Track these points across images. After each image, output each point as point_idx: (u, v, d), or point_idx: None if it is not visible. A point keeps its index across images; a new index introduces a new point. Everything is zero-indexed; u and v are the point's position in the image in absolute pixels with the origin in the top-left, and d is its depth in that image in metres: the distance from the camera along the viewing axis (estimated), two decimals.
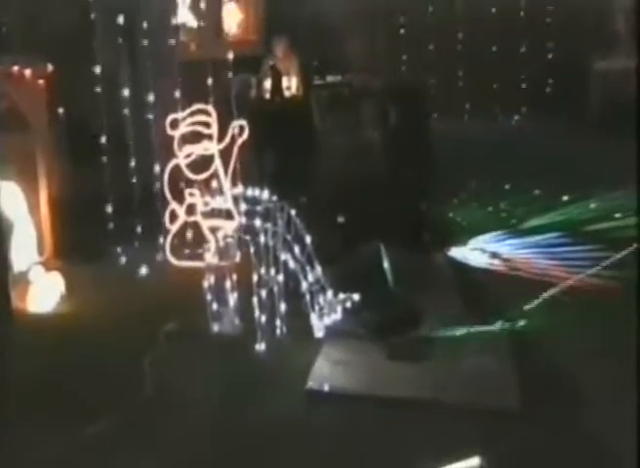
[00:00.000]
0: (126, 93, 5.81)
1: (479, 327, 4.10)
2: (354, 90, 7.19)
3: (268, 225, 4.34)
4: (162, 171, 5.30)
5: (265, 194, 4.47)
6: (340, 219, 5.53)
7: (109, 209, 5.46)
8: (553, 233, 5.49)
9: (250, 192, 4.54)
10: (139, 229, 5.70)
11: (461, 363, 3.82)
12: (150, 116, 5.94)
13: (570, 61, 9.65)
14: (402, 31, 9.99)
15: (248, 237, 4.38)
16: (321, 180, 6.09)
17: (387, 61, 9.73)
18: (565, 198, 6.22)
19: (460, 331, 4.08)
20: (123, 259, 5.54)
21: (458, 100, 9.91)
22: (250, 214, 4.42)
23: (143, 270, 5.37)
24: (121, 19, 5.72)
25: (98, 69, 5.54)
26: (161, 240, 5.19)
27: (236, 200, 4.58)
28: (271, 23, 9.08)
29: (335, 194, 5.96)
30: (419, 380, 3.75)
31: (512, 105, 9.88)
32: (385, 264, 4.66)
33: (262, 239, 4.29)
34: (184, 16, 8.53)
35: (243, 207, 4.48)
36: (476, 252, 5.48)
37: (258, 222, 4.38)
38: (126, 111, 5.96)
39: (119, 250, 5.60)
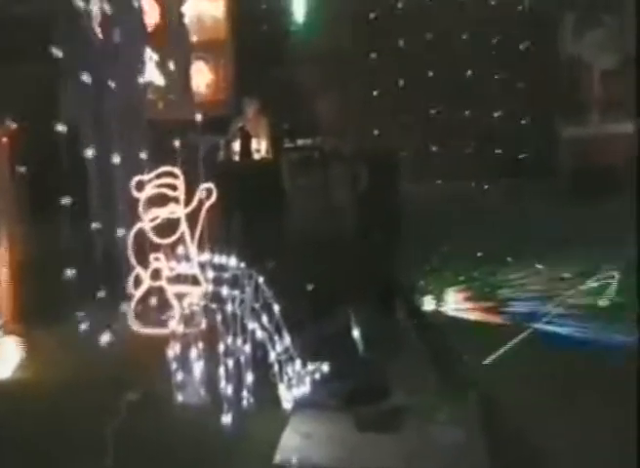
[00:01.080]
0: (90, 152, 5.91)
1: (448, 394, 4.22)
2: (324, 153, 7.42)
3: (236, 293, 4.35)
4: (127, 234, 5.41)
5: (233, 260, 4.50)
6: (309, 286, 5.67)
7: (71, 272, 5.49)
8: (527, 304, 5.69)
9: (217, 258, 4.61)
10: (101, 294, 5.65)
11: (432, 433, 3.92)
12: (116, 177, 6.08)
13: (541, 127, 10.09)
14: (374, 94, 10.36)
15: (215, 305, 4.43)
16: (290, 245, 6.23)
17: (359, 125, 10.06)
18: (538, 266, 6.46)
19: (429, 400, 4.19)
20: (85, 325, 5.54)
21: (429, 165, 10.23)
22: (217, 281, 4.44)
23: (106, 336, 5.36)
24: (87, 77, 5.90)
25: (62, 128, 5.53)
26: (125, 305, 5.26)
27: (203, 266, 4.64)
28: (241, 84, 9.38)
29: (303, 259, 6.11)
30: (389, 452, 3.79)
31: (485, 170, 10.24)
32: (355, 332, 4.78)
33: (230, 307, 4.29)
34: (152, 74, 8.80)
35: (210, 273, 4.49)
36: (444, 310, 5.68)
37: (225, 290, 4.39)
38: (90, 171, 6.09)
39: (81, 314, 5.60)
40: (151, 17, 8.67)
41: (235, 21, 9.59)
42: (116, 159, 5.89)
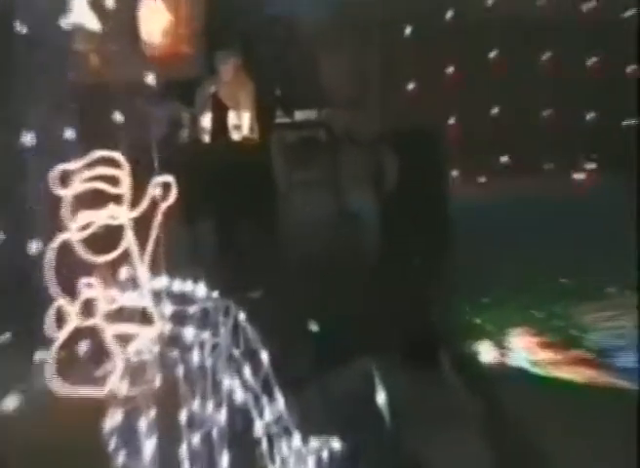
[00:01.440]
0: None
1: None
2: (334, 132, 7.56)
3: (205, 335, 4.43)
4: (44, 249, 5.47)
5: (202, 288, 4.57)
6: (312, 326, 5.74)
7: None
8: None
9: (178, 285, 4.67)
10: (6, 336, 5.78)
11: None
12: (28, 166, 6.16)
13: None
14: (407, 42, 10.45)
15: (174, 352, 4.52)
16: (285, 266, 6.32)
17: (384, 90, 10.15)
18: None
19: None
20: None
21: (489, 150, 10.30)
22: (178, 319, 4.52)
23: (12, 400, 5.43)
24: None
25: None
26: (41, 354, 5.30)
27: (157, 296, 4.72)
28: (214, 30, 9.55)
29: (305, 286, 6.19)
30: None
31: (571, 156, 10.32)
32: (380, 396, 4.83)
33: (197, 356, 4.37)
34: (80, 13, 8.92)
35: (168, 307, 4.56)
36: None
37: (190, 331, 4.45)
38: None
39: None
40: None
41: None
42: (28, 139, 5.97)
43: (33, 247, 5.73)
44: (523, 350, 5.88)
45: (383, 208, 7.25)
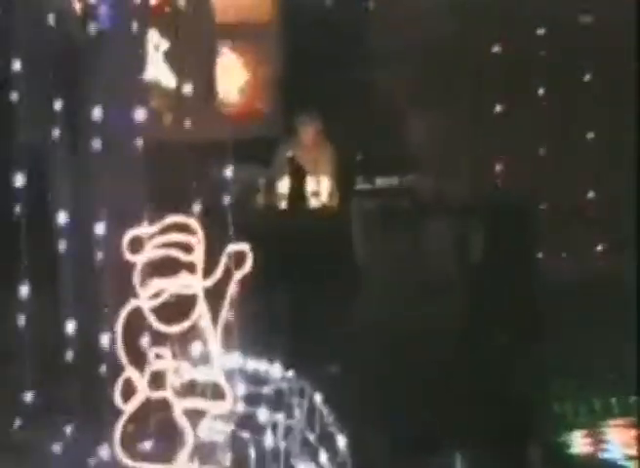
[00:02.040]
0: (61, 190, 6.18)
1: None
2: (419, 201, 7.64)
3: (279, 416, 4.47)
4: (113, 317, 5.59)
5: (277, 368, 4.66)
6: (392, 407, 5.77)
7: (29, 376, 5.68)
8: None
9: (252, 363, 4.75)
10: (74, 407, 5.87)
11: None
12: (98, 231, 6.32)
13: None
14: (499, 109, 10.52)
15: (247, 433, 4.56)
16: (365, 343, 6.38)
17: (475, 157, 10.24)
18: None
19: None
20: (50, 452, 5.72)
21: (587, 226, 10.32)
22: (251, 399, 4.57)
23: None
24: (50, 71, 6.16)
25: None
26: (109, 426, 5.41)
27: (230, 374, 4.77)
28: (293, 91, 9.76)
29: (384, 364, 6.23)
30: None
31: None
32: None
33: (270, 438, 4.41)
34: (157, 69, 9.19)
35: (241, 386, 4.63)
36: None
37: (263, 412, 4.50)
38: (59, 220, 6.34)
39: (42, 437, 5.78)
40: None
41: None
42: (97, 203, 6.11)
43: (103, 313, 5.85)
44: (619, 443, 5.82)
45: (470, 282, 7.28)
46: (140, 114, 6.40)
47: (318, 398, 4.56)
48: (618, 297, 7.89)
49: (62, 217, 6.12)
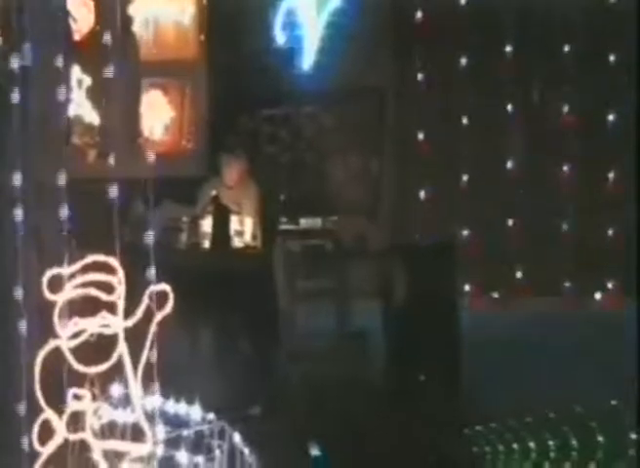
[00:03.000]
0: None
1: None
2: (341, 242, 7.74)
3: (199, 459, 4.54)
4: (31, 357, 5.58)
5: (196, 410, 4.69)
6: (314, 449, 5.82)
7: None
8: None
9: (173, 405, 4.77)
10: None
11: None
12: (17, 269, 6.30)
13: None
14: (424, 144, 10.79)
15: None
16: (288, 384, 6.44)
17: (396, 198, 10.43)
18: None
19: None
20: None
21: (504, 264, 10.53)
22: (171, 441, 4.60)
23: None
24: None
25: None
26: None
27: (150, 416, 4.82)
28: (218, 130, 9.86)
29: (305, 406, 6.30)
30: None
31: (592, 275, 10.48)
32: None
33: None
34: (80, 106, 9.18)
35: (160, 428, 4.61)
36: None
37: (183, 455, 4.55)
38: None
39: None
40: (82, 20, 9.13)
41: (212, 32, 10.10)
42: (18, 239, 6.10)
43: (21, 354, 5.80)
44: None
45: (391, 323, 7.38)
46: (62, 150, 6.42)
47: (237, 438, 4.59)
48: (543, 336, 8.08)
49: None
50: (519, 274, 10.48)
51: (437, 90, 10.65)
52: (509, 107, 10.68)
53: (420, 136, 10.65)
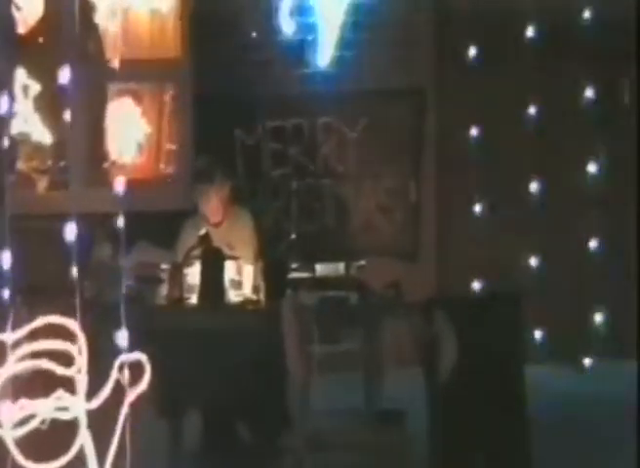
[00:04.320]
0: None
1: None
2: (372, 294, 7.75)
3: None
4: None
5: None
6: None
7: None
8: None
9: None
10: None
11: None
12: None
13: None
14: (477, 162, 10.81)
15: None
16: None
17: (446, 232, 10.46)
18: None
19: None
20: None
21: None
22: None
23: None
24: None
25: None
26: None
27: None
28: (208, 147, 9.77)
29: None
30: None
31: None
32: None
33: None
34: (26, 121, 9.21)
35: None
36: None
37: None
38: None
39: None
40: (29, 8, 9.18)
41: (198, 22, 10.14)
42: None
43: None
44: None
45: (438, 399, 7.36)
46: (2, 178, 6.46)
47: None
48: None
49: None
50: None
51: (492, 89, 10.65)
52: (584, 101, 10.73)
53: (472, 149, 10.68)
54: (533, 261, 10.57)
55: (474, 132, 10.71)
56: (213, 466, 7.21)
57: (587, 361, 10.57)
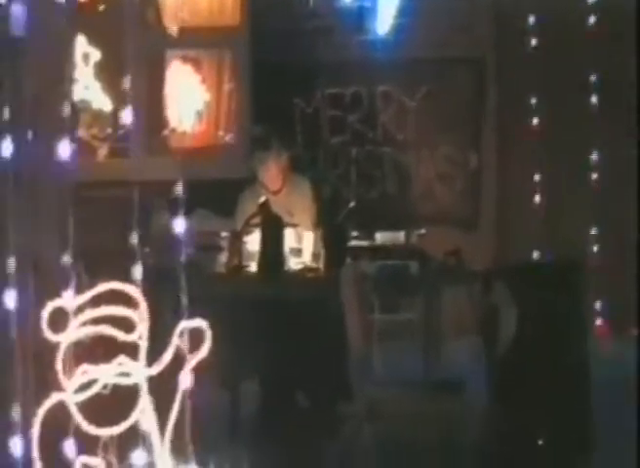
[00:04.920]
0: None
1: None
2: (430, 263, 7.73)
3: None
4: (28, 415, 5.62)
5: None
6: None
7: None
8: None
9: None
10: None
11: None
12: (8, 302, 6.35)
13: None
14: (538, 130, 10.74)
15: None
16: (359, 454, 6.44)
17: (507, 201, 10.47)
18: None
19: None
20: None
21: None
22: None
23: None
24: None
25: None
26: None
27: None
28: (268, 114, 9.80)
29: None
30: None
31: None
32: None
33: None
34: (87, 88, 9.23)
35: None
36: None
37: None
38: None
39: None
40: None
41: None
42: (10, 263, 6.16)
43: (16, 410, 5.84)
44: None
45: (498, 369, 7.34)
46: (65, 147, 6.46)
47: None
48: None
49: None
50: None
51: (554, 59, 10.57)
52: None
53: (534, 119, 10.63)
54: (593, 231, 10.53)
55: (534, 101, 10.66)
56: (272, 435, 7.23)
57: None
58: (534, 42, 10.61)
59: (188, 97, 9.41)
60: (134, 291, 5.51)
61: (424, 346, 7.87)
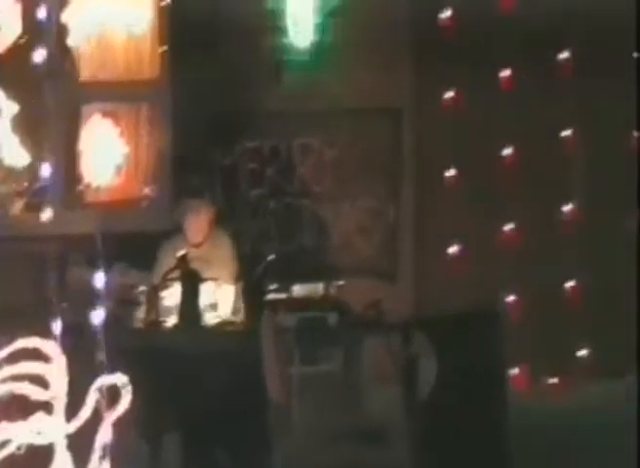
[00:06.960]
0: None
1: None
2: (352, 314, 7.75)
3: None
4: None
5: None
6: None
7: None
8: None
9: None
10: None
11: None
12: None
13: None
14: (456, 181, 10.78)
15: None
16: None
17: (425, 252, 10.50)
18: None
19: None
20: None
21: (563, 340, 10.53)
22: None
23: None
24: None
25: None
26: None
27: None
28: (187, 167, 9.83)
29: None
30: None
31: None
32: None
33: None
34: (2, 141, 9.13)
35: None
36: None
37: None
38: None
39: None
40: (6, 28, 9.13)
41: (176, 40, 10.11)
42: None
43: None
44: None
45: (418, 419, 7.37)
46: None
47: None
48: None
49: None
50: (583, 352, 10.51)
51: (472, 111, 10.63)
52: (568, 133, 10.69)
53: (452, 171, 10.67)
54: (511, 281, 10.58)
55: (452, 151, 10.69)
56: None
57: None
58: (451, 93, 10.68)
59: (107, 151, 9.38)
60: (52, 347, 5.47)
61: (345, 398, 7.87)
